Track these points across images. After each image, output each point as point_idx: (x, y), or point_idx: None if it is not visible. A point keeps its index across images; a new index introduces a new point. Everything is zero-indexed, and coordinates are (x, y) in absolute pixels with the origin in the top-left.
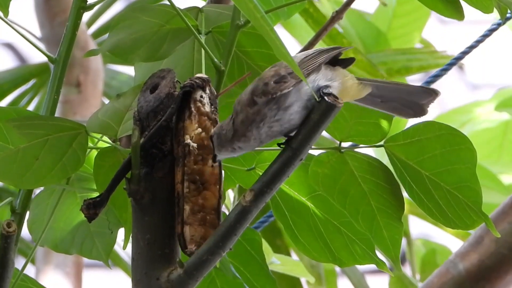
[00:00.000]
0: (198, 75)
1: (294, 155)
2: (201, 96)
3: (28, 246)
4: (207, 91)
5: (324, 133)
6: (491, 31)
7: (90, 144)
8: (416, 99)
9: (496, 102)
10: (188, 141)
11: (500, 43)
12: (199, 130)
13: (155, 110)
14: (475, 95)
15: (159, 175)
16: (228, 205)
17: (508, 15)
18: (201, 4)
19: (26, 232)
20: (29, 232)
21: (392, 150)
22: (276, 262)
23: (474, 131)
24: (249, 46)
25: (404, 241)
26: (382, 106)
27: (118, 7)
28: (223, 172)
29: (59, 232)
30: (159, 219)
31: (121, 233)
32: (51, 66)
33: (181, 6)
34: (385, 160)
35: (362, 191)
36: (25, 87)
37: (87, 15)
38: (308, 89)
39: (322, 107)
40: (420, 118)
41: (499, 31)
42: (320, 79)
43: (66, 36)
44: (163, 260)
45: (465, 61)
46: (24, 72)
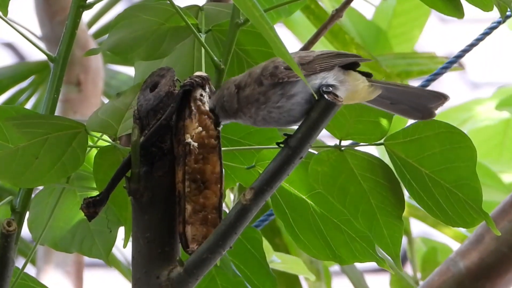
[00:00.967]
0: (197, 73)
1: (294, 153)
2: (201, 95)
3: (27, 245)
4: (207, 90)
5: (321, 134)
6: (491, 29)
7: (90, 143)
8: (425, 102)
9: (497, 100)
10: (189, 140)
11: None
12: (200, 129)
13: (155, 108)
14: (476, 94)
15: (159, 174)
16: (228, 203)
17: (508, 13)
18: (201, 2)
19: (26, 232)
20: (29, 230)
21: (392, 148)
22: (276, 261)
23: (474, 129)
24: (248, 44)
25: (404, 239)
26: (391, 108)
27: (119, 8)
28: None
29: (59, 231)
30: (159, 217)
31: (121, 232)
32: (51, 65)
33: (180, 5)
34: (385, 158)
35: (362, 189)
36: (23, 84)
37: (88, 16)
38: (315, 83)
39: (322, 105)
40: None
41: (500, 29)
42: (329, 78)
43: (65, 35)
44: (163, 258)
45: (465, 59)
46: (23, 69)
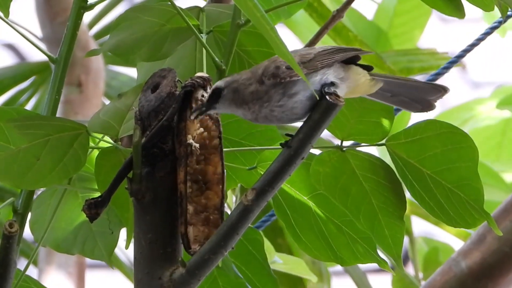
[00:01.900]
0: (199, 74)
1: (295, 154)
2: (202, 96)
3: (29, 247)
4: (208, 90)
5: (322, 134)
6: (492, 29)
7: (92, 144)
8: (425, 95)
9: (497, 99)
10: (190, 141)
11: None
12: (201, 130)
13: (156, 109)
14: (477, 93)
15: (160, 175)
16: (230, 204)
17: (508, 13)
18: (201, 3)
19: (28, 233)
20: (31, 232)
21: (393, 149)
22: (278, 261)
23: (475, 129)
24: (249, 45)
25: (406, 239)
26: (392, 100)
27: (120, 9)
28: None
29: (61, 232)
30: (160, 218)
31: (123, 233)
32: (52, 66)
33: (182, 6)
34: (386, 159)
35: (364, 190)
36: (24, 85)
37: (89, 17)
38: (315, 80)
39: (323, 105)
40: (427, 113)
41: (500, 29)
42: (330, 74)
43: (66, 36)
44: (165, 259)
45: (466, 59)
46: (24, 69)
